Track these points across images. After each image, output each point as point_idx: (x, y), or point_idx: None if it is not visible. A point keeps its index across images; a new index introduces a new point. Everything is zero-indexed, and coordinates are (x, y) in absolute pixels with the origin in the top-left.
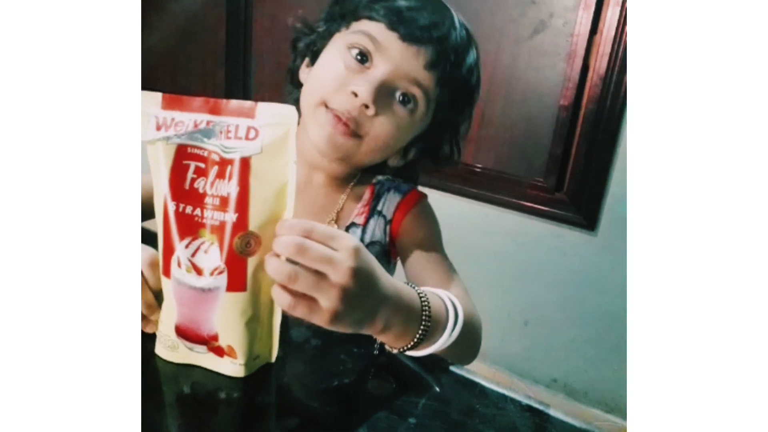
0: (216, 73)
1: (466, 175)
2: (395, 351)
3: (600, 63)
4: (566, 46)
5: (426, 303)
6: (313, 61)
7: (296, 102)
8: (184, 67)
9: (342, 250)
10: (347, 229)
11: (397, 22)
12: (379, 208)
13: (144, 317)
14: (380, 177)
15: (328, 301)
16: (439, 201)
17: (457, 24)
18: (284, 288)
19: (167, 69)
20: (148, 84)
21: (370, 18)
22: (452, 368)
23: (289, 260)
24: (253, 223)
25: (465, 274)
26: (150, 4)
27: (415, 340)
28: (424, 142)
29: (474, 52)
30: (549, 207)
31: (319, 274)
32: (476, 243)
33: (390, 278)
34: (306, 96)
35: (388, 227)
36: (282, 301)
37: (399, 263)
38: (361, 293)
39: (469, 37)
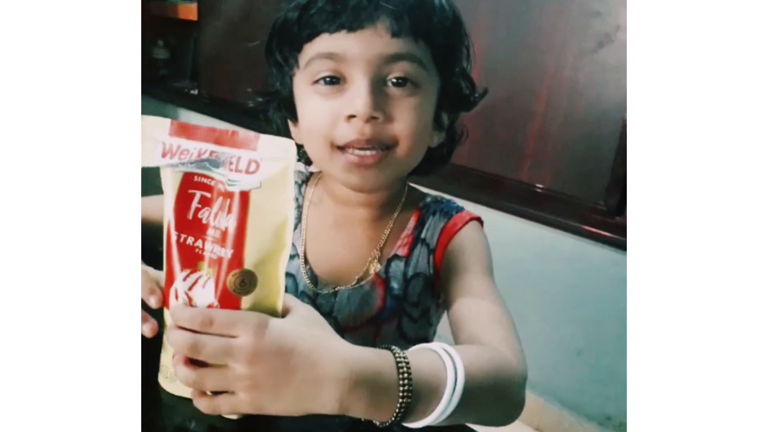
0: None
1: (522, 194)
2: (379, 425)
3: None
4: None
5: (404, 369)
6: (294, 118)
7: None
8: (237, 68)
9: (243, 335)
10: (389, 262)
11: (333, 21)
12: (423, 235)
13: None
14: (427, 199)
15: (242, 392)
16: (492, 220)
17: None
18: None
19: (221, 70)
20: (204, 86)
21: (310, 38)
22: None
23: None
24: (249, 261)
25: (516, 297)
26: (203, 6)
27: (396, 414)
28: (447, 98)
29: None
30: (609, 232)
31: (226, 367)
32: (529, 266)
33: (343, 346)
34: (312, 148)
35: (431, 257)
36: (203, 407)
37: None
38: (279, 375)
39: None
